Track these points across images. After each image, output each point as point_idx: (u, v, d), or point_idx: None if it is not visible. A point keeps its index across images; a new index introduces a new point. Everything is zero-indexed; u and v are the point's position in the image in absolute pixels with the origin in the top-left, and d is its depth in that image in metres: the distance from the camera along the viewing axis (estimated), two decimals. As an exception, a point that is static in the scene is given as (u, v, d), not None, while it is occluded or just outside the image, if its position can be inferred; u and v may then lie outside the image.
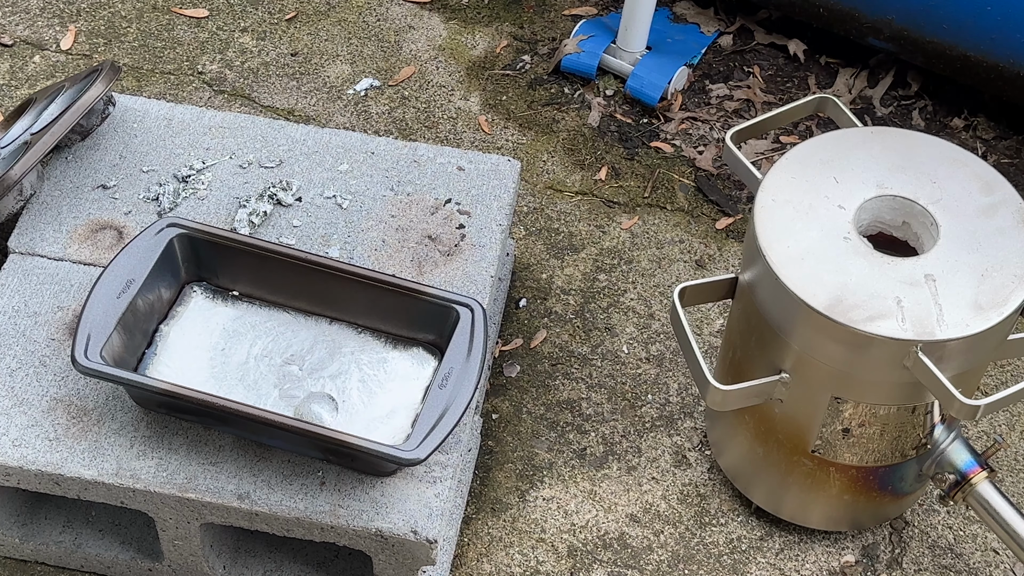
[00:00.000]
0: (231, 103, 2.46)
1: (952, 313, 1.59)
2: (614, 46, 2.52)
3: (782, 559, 1.94)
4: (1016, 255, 1.64)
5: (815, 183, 1.71)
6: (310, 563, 1.84)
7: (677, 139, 2.47)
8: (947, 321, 1.58)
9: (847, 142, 1.76)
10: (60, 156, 2.00)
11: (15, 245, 1.91)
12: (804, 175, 1.71)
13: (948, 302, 1.60)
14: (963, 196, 1.69)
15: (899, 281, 1.62)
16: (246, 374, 1.77)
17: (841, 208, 1.68)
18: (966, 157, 1.74)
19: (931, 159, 1.73)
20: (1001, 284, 1.61)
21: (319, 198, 1.98)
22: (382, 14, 2.64)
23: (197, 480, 1.68)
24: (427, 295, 1.77)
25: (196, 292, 1.84)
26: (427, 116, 2.47)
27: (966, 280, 1.62)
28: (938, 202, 1.68)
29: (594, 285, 2.23)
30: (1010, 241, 1.65)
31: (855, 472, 1.81)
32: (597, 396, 2.09)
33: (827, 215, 1.67)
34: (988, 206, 1.68)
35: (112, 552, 1.83)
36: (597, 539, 1.94)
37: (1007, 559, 1.95)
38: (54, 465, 1.68)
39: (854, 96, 2.55)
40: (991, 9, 2.28)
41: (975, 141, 2.49)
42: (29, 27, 2.56)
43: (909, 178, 1.71)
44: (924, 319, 1.58)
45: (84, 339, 1.66)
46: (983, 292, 1.61)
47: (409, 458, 1.61)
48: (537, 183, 2.38)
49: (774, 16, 2.66)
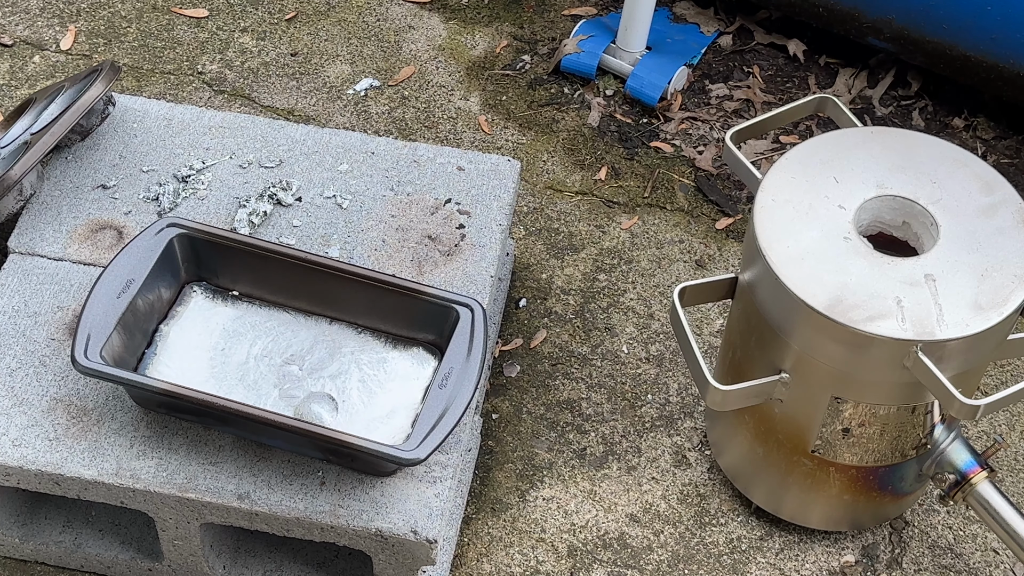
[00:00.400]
0: (231, 103, 2.46)
1: (952, 313, 1.59)
2: (614, 46, 2.52)
3: (782, 559, 1.94)
4: (1016, 255, 1.64)
5: (815, 183, 1.70)
6: (310, 563, 1.84)
7: (677, 139, 2.47)
8: (947, 321, 1.58)
9: (847, 142, 1.76)
10: (60, 156, 2.00)
11: (15, 245, 1.91)
12: (804, 175, 1.71)
13: (948, 302, 1.60)
14: (963, 196, 1.69)
15: (899, 281, 1.62)
16: (246, 374, 1.77)
17: (841, 208, 1.68)
18: (966, 157, 1.74)
19: (931, 159, 1.73)
20: (1001, 284, 1.61)
21: (319, 198, 1.98)
22: (382, 14, 2.64)
23: (197, 480, 1.68)
24: (427, 295, 1.77)
25: (196, 292, 1.84)
26: (427, 116, 2.47)
27: (966, 280, 1.62)
28: (938, 202, 1.68)
29: (594, 285, 2.23)
30: (1010, 241, 1.65)
31: (855, 472, 1.81)
32: (597, 396, 2.09)
33: (827, 215, 1.67)
34: (988, 206, 1.68)
35: (112, 552, 1.83)
36: (597, 539, 1.94)
37: (1007, 559, 1.95)
38: (54, 465, 1.68)
39: (854, 96, 2.55)
40: (991, 9, 2.28)
41: (975, 141, 2.49)
42: (29, 27, 2.56)
43: (909, 178, 1.71)
44: (924, 319, 1.58)
45: (84, 339, 1.66)
46: (983, 292, 1.61)
47: (409, 458, 1.61)
48: (537, 183, 2.38)
49: (774, 16, 2.66)
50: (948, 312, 1.59)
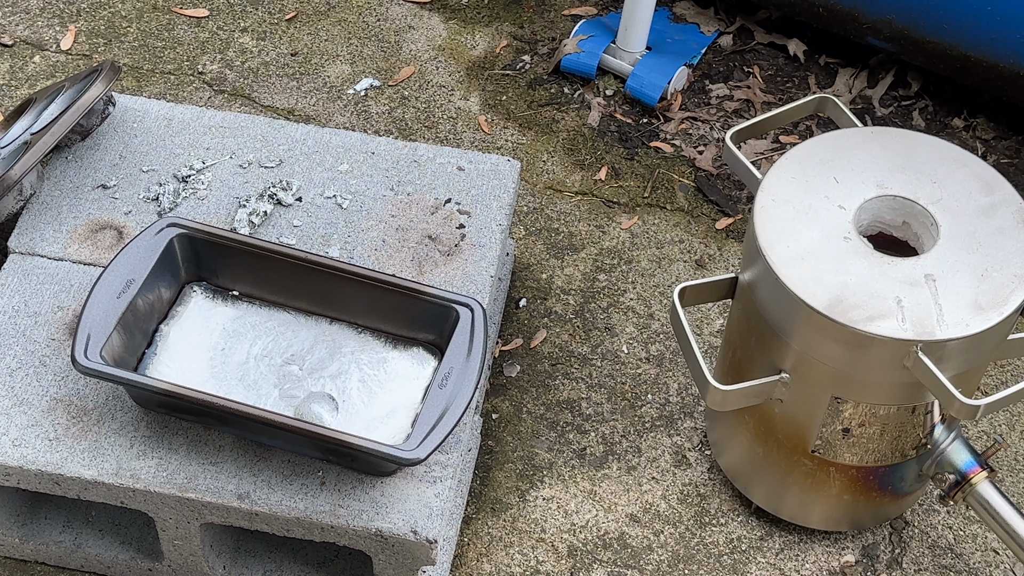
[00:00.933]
0: (231, 103, 2.46)
1: (952, 313, 1.59)
2: (614, 46, 2.52)
3: (782, 559, 1.94)
4: (1016, 255, 1.64)
5: (815, 183, 1.70)
6: (310, 563, 1.84)
7: (677, 139, 2.47)
8: (947, 321, 1.58)
9: (847, 142, 1.76)
10: (60, 156, 2.00)
11: (15, 245, 1.91)
12: (804, 175, 1.71)
13: (948, 302, 1.60)
14: (963, 196, 1.69)
15: (899, 281, 1.62)
16: (246, 374, 1.77)
17: (841, 208, 1.68)
18: (966, 157, 1.74)
19: (931, 159, 1.73)
20: (1001, 284, 1.61)
21: (319, 198, 1.98)
22: (382, 14, 2.64)
23: (197, 480, 1.68)
24: (427, 295, 1.77)
25: (196, 292, 1.84)
26: (427, 116, 2.47)
27: (966, 280, 1.62)
28: (938, 202, 1.68)
29: (594, 285, 2.23)
30: (1010, 241, 1.65)
31: (855, 472, 1.81)
32: (597, 396, 2.09)
33: (827, 215, 1.67)
34: (988, 206, 1.68)
35: (112, 552, 1.83)
36: (597, 539, 1.94)
37: (1007, 559, 1.95)
38: (54, 465, 1.68)
39: (854, 96, 2.55)
40: (991, 9, 2.28)
41: (975, 141, 2.49)
42: (29, 27, 2.56)
43: (909, 178, 1.71)
44: (924, 319, 1.58)
45: (84, 339, 1.66)
46: (983, 292, 1.61)
47: (409, 458, 1.61)
48: (537, 183, 2.38)
49: (774, 16, 2.66)
50: (948, 312, 1.59)
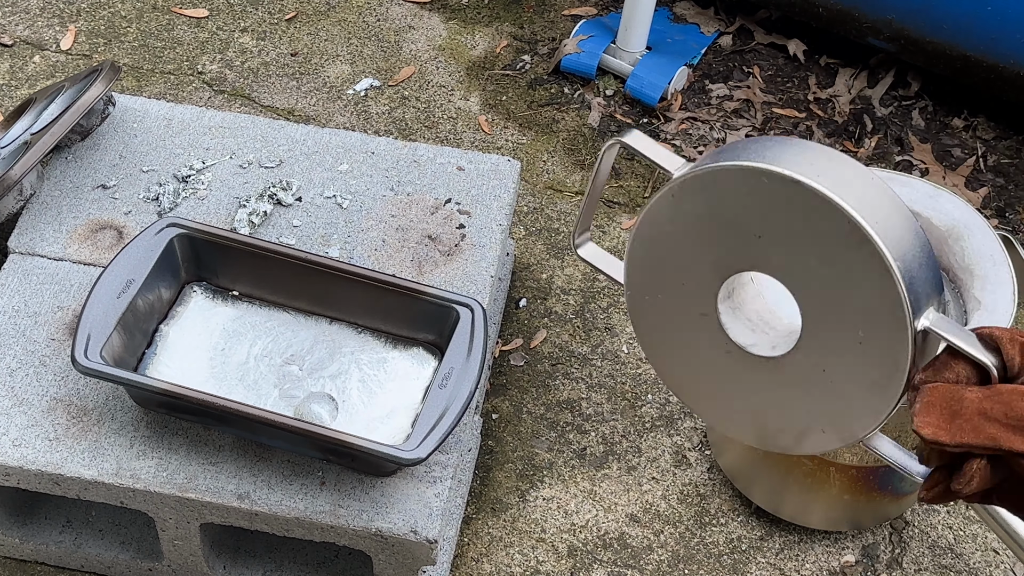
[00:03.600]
0: (231, 103, 2.46)
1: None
2: (614, 46, 2.52)
3: (782, 559, 1.94)
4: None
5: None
6: (310, 563, 1.84)
7: (677, 139, 2.47)
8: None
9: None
10: (60, 156, 2.00)
11: (15, 245, 1.91)
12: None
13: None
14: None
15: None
16: (246, 374, 1.77)
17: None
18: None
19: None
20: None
21: (319, 198, 1.98)
22: (382, 14, 2.64)
23: (197, 480, 1.68)
24: (427, 295, 1.77)
25: (196, 292, 1.84)
26: (427, 116, 2.47)
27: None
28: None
29: (594, 285, 2.23)
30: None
31: (855, 472, 1.81)
32: (597, 396, 2.09)
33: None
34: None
35: (112, 552, 1.83)
36: (597, 539, 1.94)
37: (1007, 559, 1.95)
38: (54, 465, 1.68)
39: (854, 96, 2.55)
40: (991, 9, 2.29)
41: (975, 141, 2.49)
42: (29, 27, 2.56)
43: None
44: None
45: (84, 339, 1.66)
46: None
47: (409, 458, 1.61)
48: (537, 183, 2.38)
49: (774, 16, 2.66)
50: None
